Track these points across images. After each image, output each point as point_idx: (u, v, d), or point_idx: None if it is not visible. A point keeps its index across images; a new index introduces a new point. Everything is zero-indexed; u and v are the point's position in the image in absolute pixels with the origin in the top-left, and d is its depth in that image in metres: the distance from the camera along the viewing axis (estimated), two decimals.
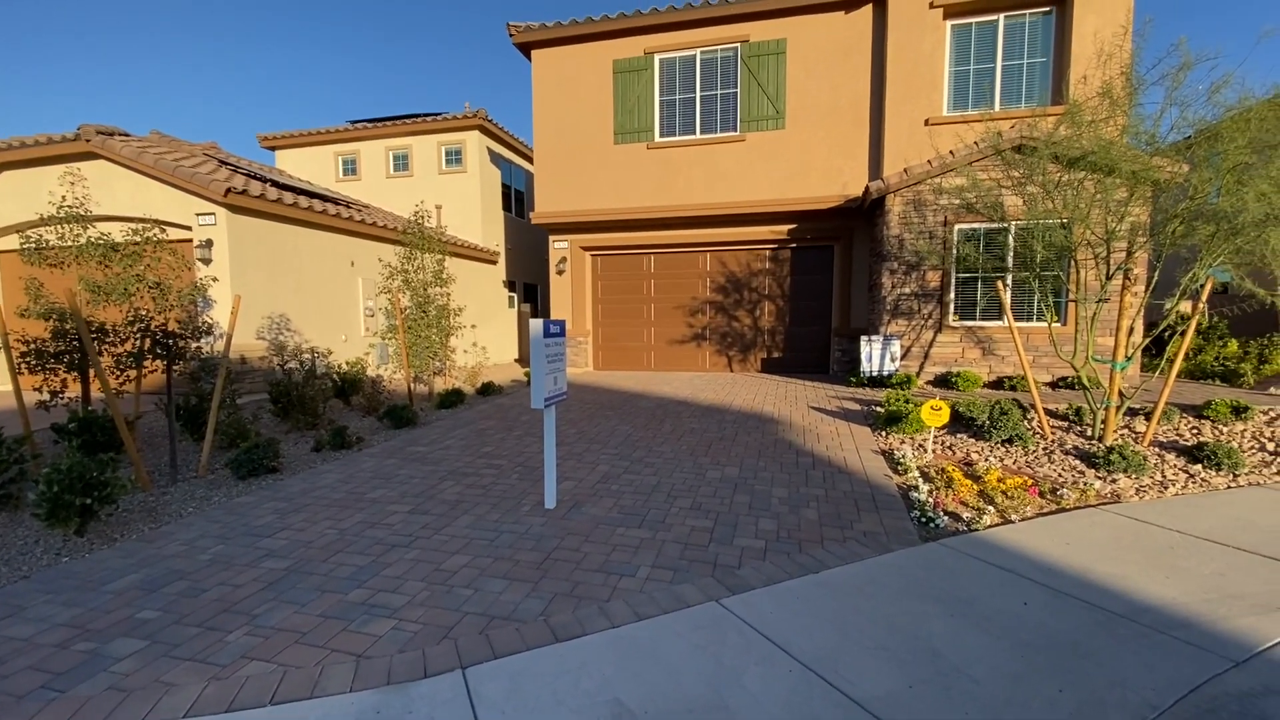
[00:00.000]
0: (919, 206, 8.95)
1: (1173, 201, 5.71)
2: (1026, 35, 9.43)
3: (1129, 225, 5.89)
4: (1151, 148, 5.59)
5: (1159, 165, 5.56)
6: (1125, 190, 5.61)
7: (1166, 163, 5.23)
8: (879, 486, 4.84)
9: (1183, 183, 5.57)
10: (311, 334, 10.41)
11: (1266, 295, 5.33)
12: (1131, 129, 5.51)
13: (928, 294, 9.03)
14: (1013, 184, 6.61)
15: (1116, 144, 5.56)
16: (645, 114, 11.14)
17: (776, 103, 10.49)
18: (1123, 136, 5.78)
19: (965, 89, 9.70)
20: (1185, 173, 5.48)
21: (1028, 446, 5.85)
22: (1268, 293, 5.59)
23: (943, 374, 9.04)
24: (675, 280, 12.05)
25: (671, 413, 7.64)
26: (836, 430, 6.56)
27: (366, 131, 16.10)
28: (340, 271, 11.11)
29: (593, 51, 11.27)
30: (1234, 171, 4.80)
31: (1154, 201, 5.69)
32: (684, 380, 10.66)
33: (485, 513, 4.31)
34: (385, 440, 6.65)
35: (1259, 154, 4.66)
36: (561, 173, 11.73)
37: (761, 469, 5.27)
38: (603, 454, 5.81)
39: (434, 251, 9.31)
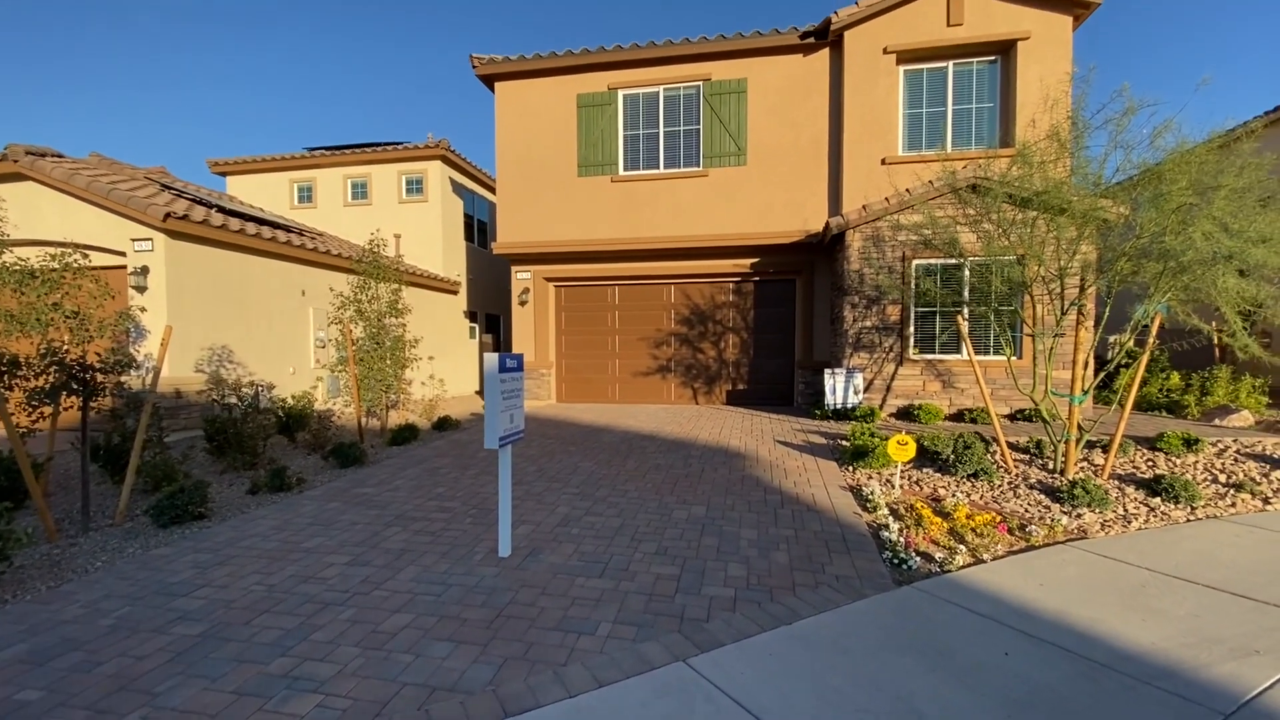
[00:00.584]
0: (878, 242, 9.12)
1: (1120, 240, 5.89)
2: (974, 82, 9.87)
3: (1080, 262, 6.05)
4: (1097, 189, 5.79)
5: (1105, 205, 5.75)
6: (1075, 229, 5.77)
7: (1111, 203, 5.40)
8: (849, 525, 4.69)
9: (1129, 222, 5.76)
10: (257, 366, 9.85)
11: (1211, 331, 5.49)
12: (1079, 170, 5.69)
13: (888, 327, 9.14)
14: (968, 221, 6.76)
15: (1066, 184, 5.74)
16: (609, 147, 11.17)
17: (738, 140, 10.66)
18: (1070, 178, 5.98)
19: (919, 131, 10.05)
20: (1129, 213, 5.68)
21: (993, 481, 5.82)
22: (1213, 329, 5.77)
23: (905, 406, 9.09)
24: (640, 312, 11.95)
25: (636, 448, 7.41)
26: (804, 465, 6.44)
27: (324, 159, 15.74)
28: (290, 301, 10.62)
29: (556, 85, 11.31)
30: (1178, 212, 4.97)
31: (1102, 240, 5.86)
32: (649, 413, 10.45)
33: (433, 563, 3.97)
34: (330, 481, 6.20)
35: (1200, 195, 4.84)
36: (524, 203, 11.61)
37: (729, 508, 5.07)
38: (563, 494, 5.52)
39: (389, 281, 8.98)
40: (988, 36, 9.49)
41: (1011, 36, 9.40)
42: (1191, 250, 4.74)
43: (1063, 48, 9.29)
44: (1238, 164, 5.12)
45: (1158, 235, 5.34)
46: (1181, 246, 4.77)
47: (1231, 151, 5.16)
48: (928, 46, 9.71)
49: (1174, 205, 4.99)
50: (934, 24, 9.66)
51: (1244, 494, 5.48)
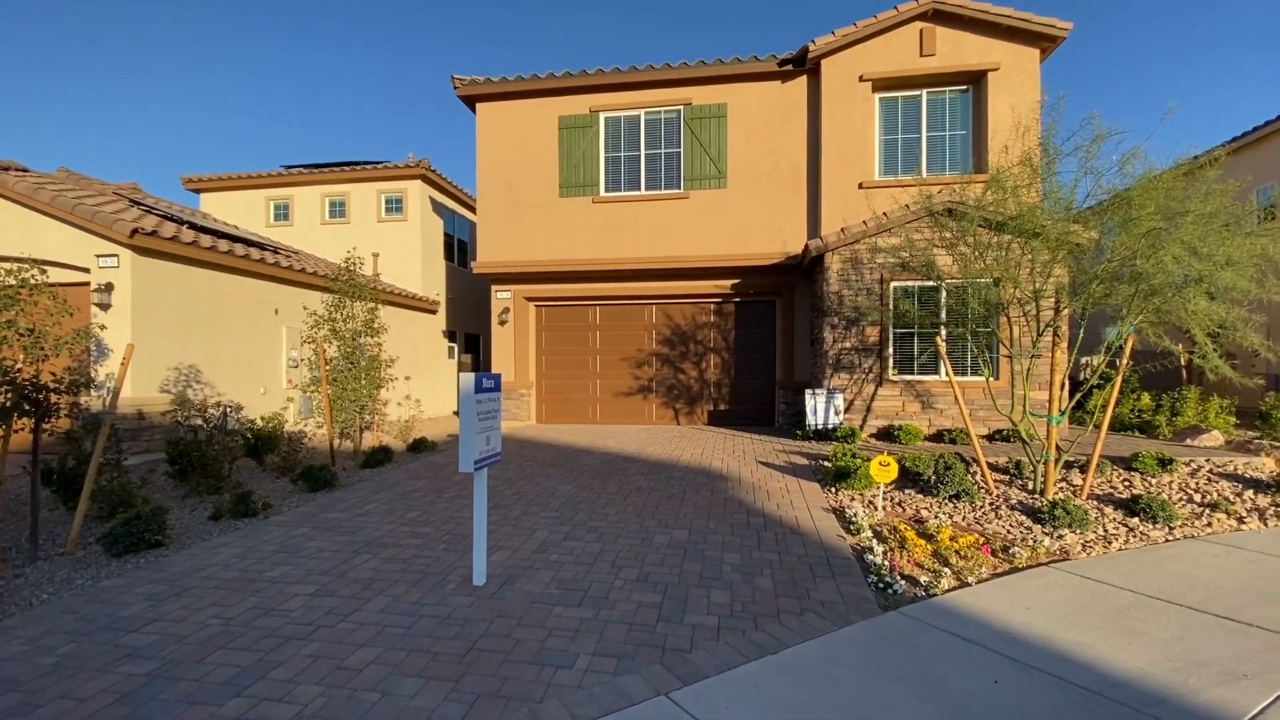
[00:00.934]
0: (856, 264, 9.22)
1: (1091, 263, 6.01)
2: (948, 109, 10.14)
3: (1054, 285, 6.16)
4: (1069, 213, 5.92)
5: (1077, 230, 5.87)
6: (1048, 253, 5.87)
7: (1082, 228, 5.51)
8: (833, 549, 4.62)
9: (1100, 246, 5.88)
10: (226, 386, 9.55)
11: (1181, 353, 5.60)
12: (1050, 196, 5.82)
13: (868, 348, 9.20)
14: (945, 245, 6.86)
15: (1039, 209, 5.85)
16: (591, 169, 11.21)
17: (719, 163, 10.78)
18: (1043, 203, 6.11)
19: (895, 156, 10.26)
20: (1098, 238, 5.80)
21: (974, 502, 5.81)
22: (1181, 350, 5.88)
23: (885, 427, 9.11)
24: (621, 332, 11.90)
25: (617, 469, 7.28)
26: (786, 487, 6.37)
27: (301, 177, 15.55)
28: (263, 320, 10.37)
29: (538, 106, 11.36)
30: (1148, 236, 5.08)
31: (1075, 263, 5.97)
32: (630, 434, 10.34)
33: (404, 592, 3.79)
34: (298, 506, 5.97)
35: (1169, 220, 4.96)
36: (505, 223, 11.56)
37: (712, 531, 4.97)
38: (542, 518, 5.37)
39: (366, 299, 8.81)
40: (959, 67, 9.78)
41: (982, 67, 9.70)
42: (1162, 273, 4.83)
43: (1031, 78, 9.60)
44: (1203, 190, 5.27)
45: (1128, 259, 5.46)
46: (1153, 269, 4.87)
47: (1197, 178, 5.32)
48: (902, 75, 9.97)
49: (1144, 230, 5.11)
50: (908, 54, 9.93)
51: (1219, 514, 5.54)
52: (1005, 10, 9.47)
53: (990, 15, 9.53)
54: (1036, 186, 6.22)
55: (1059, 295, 6.04)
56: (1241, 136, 12.56)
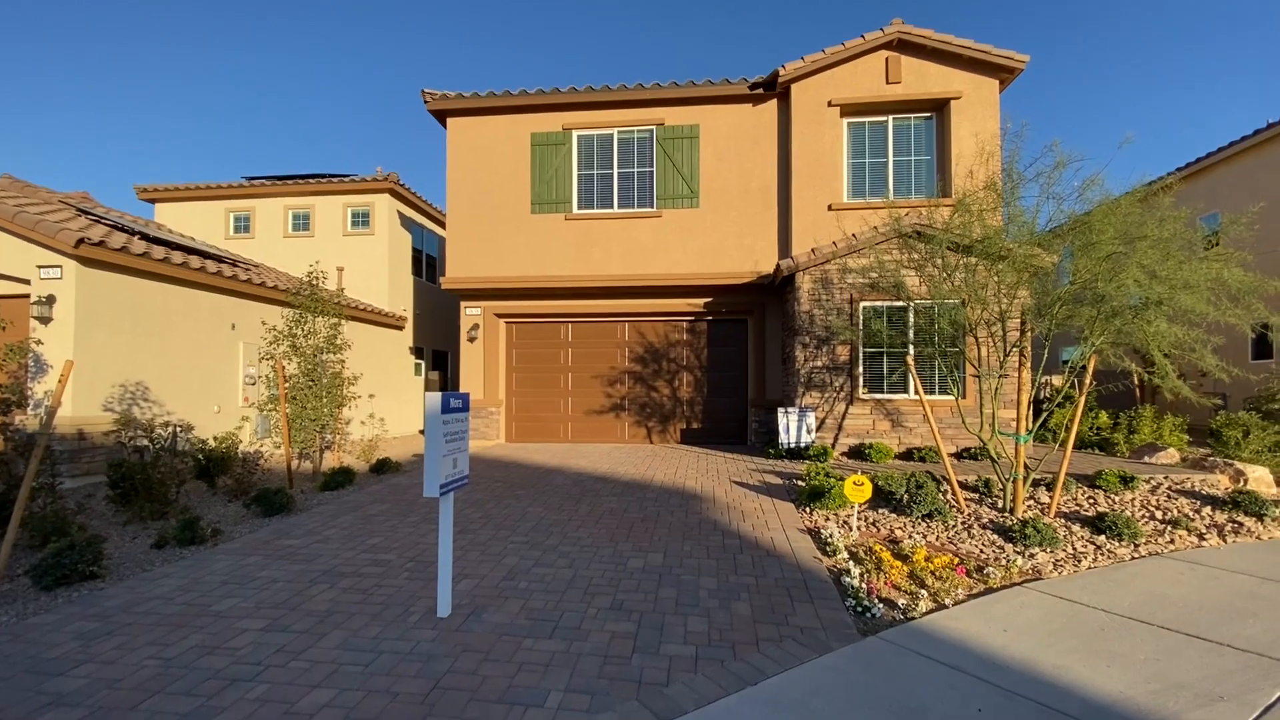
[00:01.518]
0: (827, 284, 9.32)
1: (1054, 286, 6.17)
2: (913, 135, 10.43)
3: (1019, 307, 6.29)
4: (1032, 237, 6.08)
5: (1039, 253, 6.02)
6: (1014, 275, 6.01)
7: (1045, 252, 5.65)
8: (810, 571, 4.54)
9: (1061, 269, 6.04)
10: (177, 405, 9.08)
11: (1140, 373, 5.75)
12: (1014, 220, 5.97)
13: (838, 367, 9.27)
14: (913, 266, 6.97)
15: (1004, 232, 5.99)
16: (563, 186, 11.16)
17: (691, 183, 10.85)
18: (1008, 226, 6.27)
19: (863, 179, 10.48)
20: (1058, 261, 5.96)
21: (947, 521, 5.83)
22: (1138, 370, 6.05)
23: (856, 445, 9.15)
24: (593, 350, 11.78)
25: (589, 491, 7.11)
26: (761, 507, 6.30)
27: (264, 188, 15.13)
28: (219, 335, 9.94)
29: (510, 123, 11.30)
30: (1108, 260, 5.23)
31: (1039, 285, 6.11)
32: (602, 453, 10.17)
33: (362, 626, 3.56)
34: (251, 532, 5.64)
35: (1128, 244, 5.12)
36: (475, 238, 11.39)
37: (687, 554, 4.85)
38: (511, 542, 5.17)
39: (328, 314, 8.52)
40: (923, 95, 10.08)
41: (945, 95, 10.02)
42: (1123, 295, 4.97)
43: (991, 107, 9.96)
44: (1158, 216, 5.47)
45: (1089, 282, 5.62)
46: (1114, 292, 5.01)
47: (1152, 205, 5.52)
48: (869, 102, 10.23)
49: (1104, 254, 5.26)
50: (874, 81, 10.21)
51: (1180, 530, 5.66)
52: (966, 42, 9.83)
53: (952, 46, 9.87)
54: (1000, 211, 6.39)
55: (1024, 316, 6.17)
56: (1194, 163, 13.22)
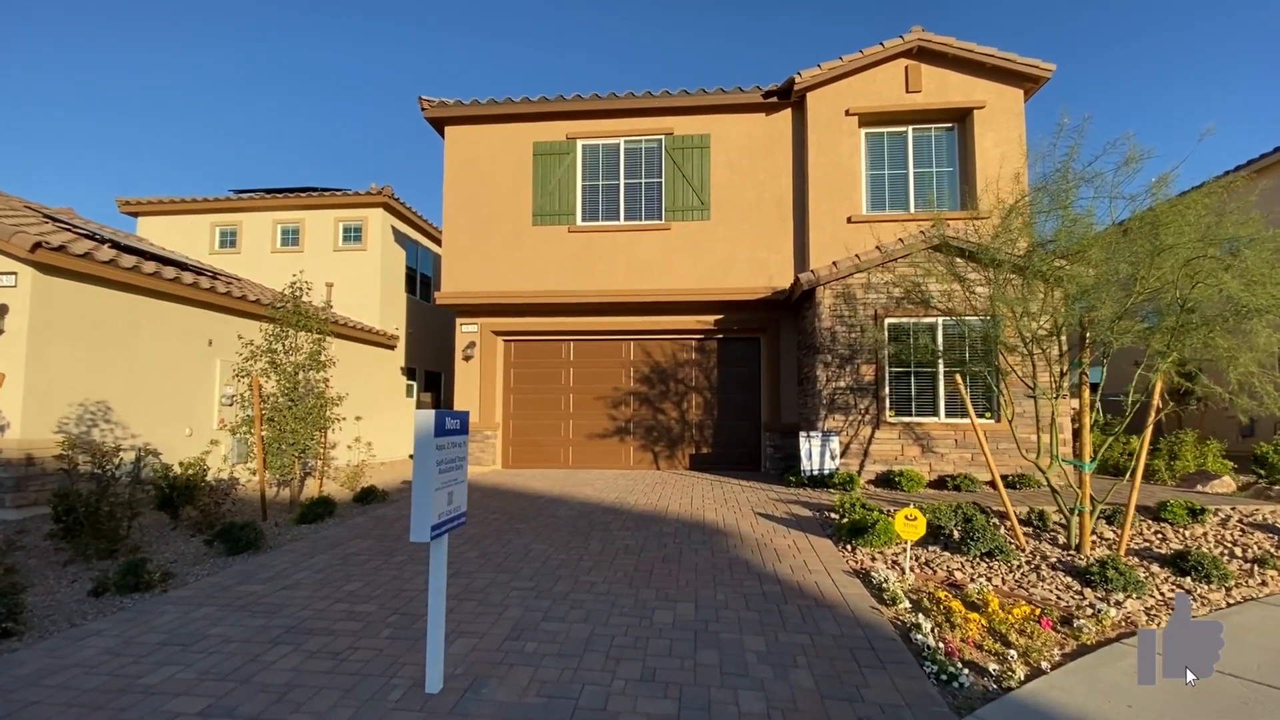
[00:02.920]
0: (849, 299, 8.74)
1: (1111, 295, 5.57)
2: (934, 146, 9.98)
3: (1077, 319, 5.69)
4: (1087, 242, 5.50)
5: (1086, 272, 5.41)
6: (1072, 286, 5.41)
7: (1124, 265, 5.04)
8: (871, 626, 3.82)
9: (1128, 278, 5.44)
10: (145, 427, 8.30)
11: (1224, 395, 5.13)
12: (1075, 223, 5.39)
13: (863, 388, 8.63)
14: (952, 279, 6.39)
15: (1060, 236, 5.42)
16: (567, 197, 10.61)
17: (701, 194, 10.33)
18: (1059, 234, 5.70)
19: (882, 191, 10.00)
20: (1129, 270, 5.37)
21: (1010, 561, 5.12)
22: (1213, 388, 5.43)
23: (884, 473, 8.46)
24: (596, 369, 11.10)
25: (599, 524, 6.36)
26: (795, 544, 5.57)
27: (251, 202, 14.53)
28: (194, 351, 9.19)
29: (511, 132, 10.79)
30: (1188, 266, 4.65)
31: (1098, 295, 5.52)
32: (607, 480, 9.42)
33: (329, 708, 2.80)
34: (210, 574, 4.85)
35: (1209, 247, 4.54)
36: (473, 251, 10.77)
37: (723, 605, 4.11)
38: (514, 589, 4.41)
39: (312, 330, 7.81)
40: (944, 104, 9.67)
41: (967, 105, 9.60)
42: (1214, 305, 4.38)
43: (1016, 118, 9.54)
44: (1234, 216, 4.91)
45: (1156, 290, 5.04)
46: (1203, 300, 4.41)
47: (1227, 204, 4.96)
48: (888, 111, 9.80)
49: (1183, 258, 4.67)
50: (894, 90, 9.79)
51: (1270, 570, 4.99)
52: (989, 50, 9.45)
53: (974, 55, 9.49)
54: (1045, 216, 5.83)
55: (1087, 330, 5.55)
56: (1264, 156, 10.87)
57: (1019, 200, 5.44)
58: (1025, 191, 6.09)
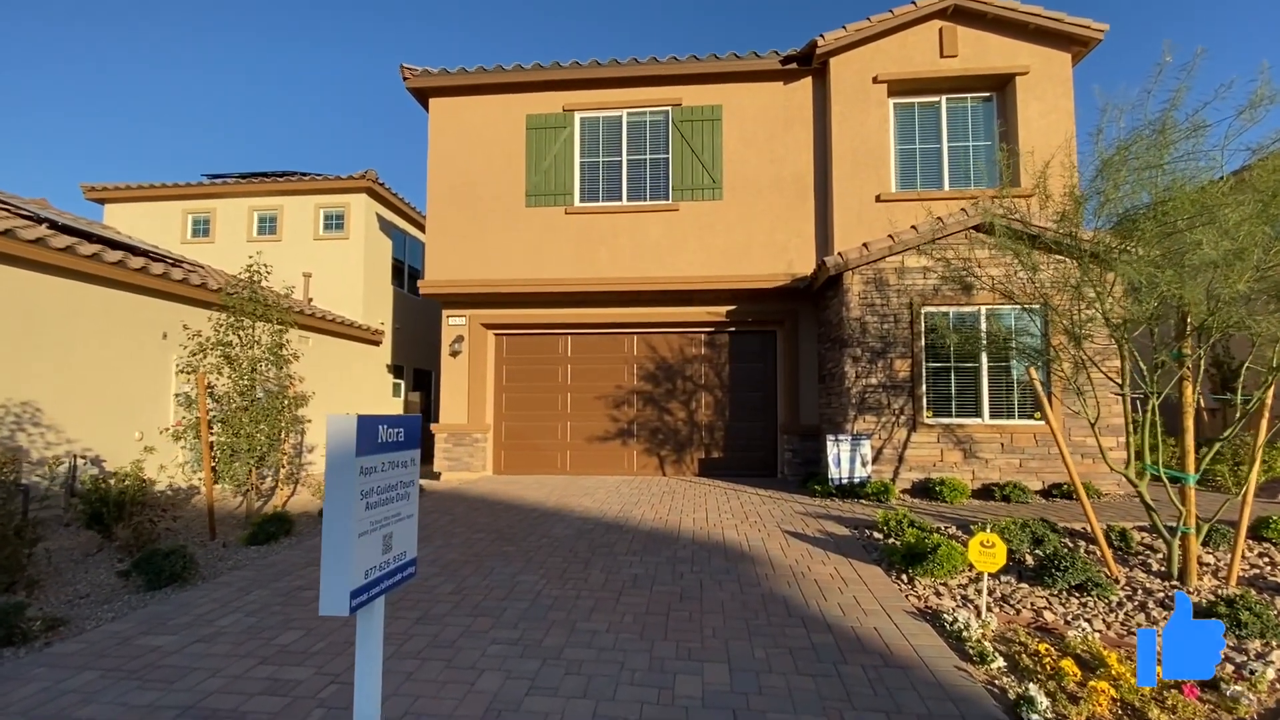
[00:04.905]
0: (881, 286, 7.78)
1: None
2: (969, 118, 9.03)
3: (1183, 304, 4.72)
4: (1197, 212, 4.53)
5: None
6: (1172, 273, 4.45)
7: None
8: (965, 699, 2.86)
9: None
10: (84, 430, 7.31)
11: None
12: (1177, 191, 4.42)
13: (897, 386, 7.67)
14: (1024, 265, 5.42)
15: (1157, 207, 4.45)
16: (564, 175, 9.63)
17: (713, 172, 9.36)
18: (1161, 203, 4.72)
19: (913, 167, 9.04)
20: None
21: (1108, 597, 4.17)
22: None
23: (921, 481, 7.51)
24: (597, 366, 10.13)
25: (600, 546, 5.40)
26: (838, 573, 4.61)
27: (226, 188, 13.53)
28: (145, 346, 8.20)
29: (502, 104, 9.81)
30: None
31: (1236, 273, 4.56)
32: (609, 488, 8.46)
33: None
34: (114, 618, 3.88)
35: None
36: (460, 236, 9.79)
37: (764, 666, 3.15)
38: (493, 641, 3.45)
39: (271, 320, 6.84)
40: (983, 70, 8.71)
41: (1008, 71, 8.64)
42: None
43: (1063, 85, 8.58)
44: None
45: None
46: None
47: None
48: (920, 78, 8.84)
49: None
50: (926, 55, 8.83)
51: None
52: (1033, 9, 8.49)
53: (1017, 15, 8.53)
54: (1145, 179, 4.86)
55: (1192, 315, 4.59)
56: None
57: (1122, 148, 4.46)
58: (1114, 147, 5.10)
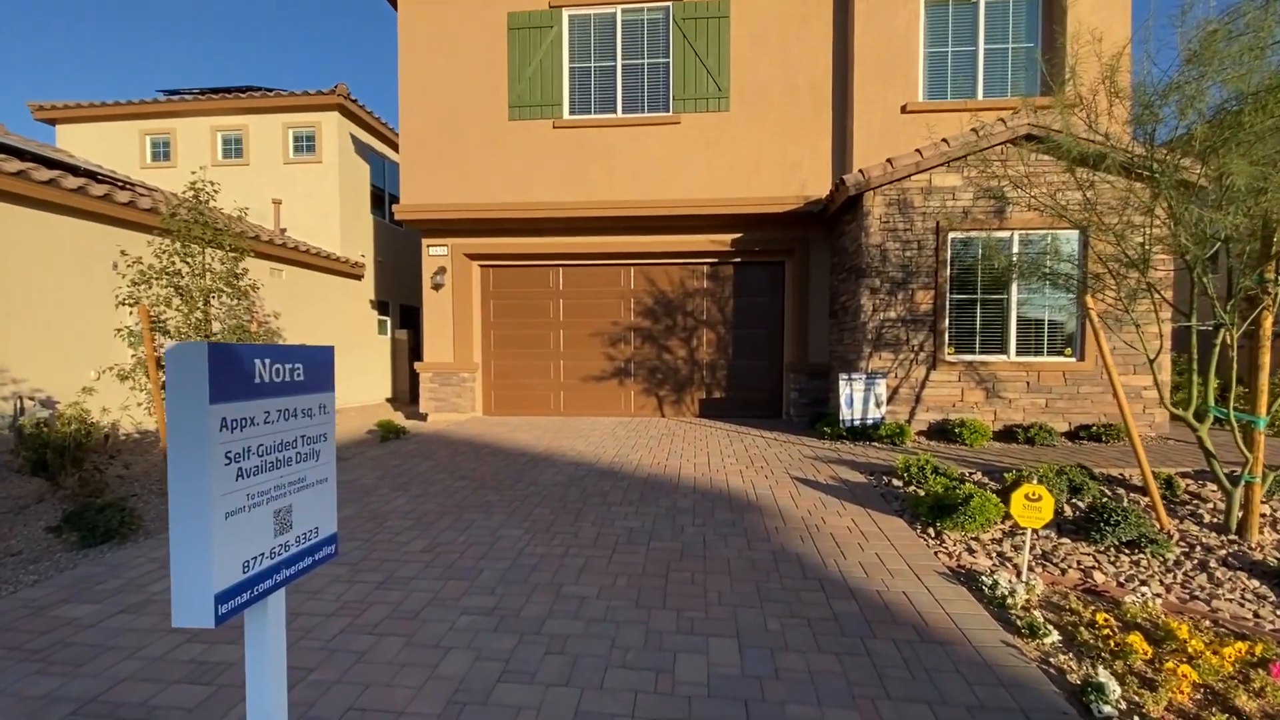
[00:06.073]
0: (905, 208, 7.01)
1: None
2: (1010, 16, 7.94)
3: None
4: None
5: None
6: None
7: None
8: (1018, 682, 2.40)
9: None
10: (31, 369, 6.74)
11: None
12: None
13: (918, 320, 7.04)
14: (1076, 179, 4.66)
15: None
16: (551, 84, 8.61)
17: (719, 78, 8.35)
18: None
19: (944, 73, 8.04)
20: None
21: (1163, 554, 3.70)
22: None
23: (939, 422, 7.02)
24: (591, 301, 9.45)
25: (592, 494, 4.92)
26: (856, 526, 4.14)
27: (185, 105, 12.39)
28: (94, 278, 7.49)
29: (481, 2, 8.65)
30: None
31: None
32: (604, 430, 7.99)
33: None
34: (36, 582, 3.41)
35: None
36: (437, 155, 8.88)
37: (779, 642, 2.68)
38: (464, 612, 2.97)
39: (224, 247, 6.11)
40: None
41: None
42: None
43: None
44: None
45: None
46: None
47: None
48: None
49: None
50: None
51: None
52: None
53: None
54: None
55: (1273, 230, 3.90)
56: None
57: (1228, 19, 3.64)
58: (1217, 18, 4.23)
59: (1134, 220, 4.54)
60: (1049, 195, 5.24)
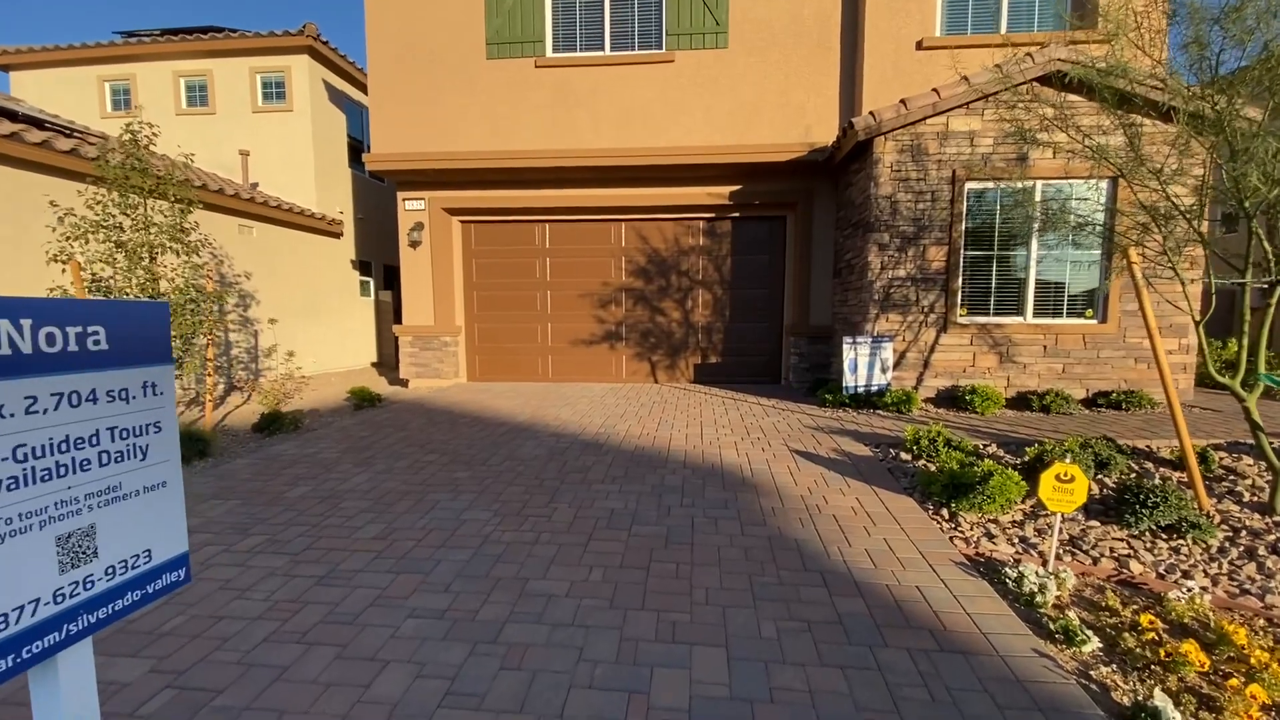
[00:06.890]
0: (918, 155, 6.41)
1: None
2: None
3: None
4: None
5: None
6: None
7: None
8: (1061, 708, 2.01)
9: None
10: None
11: None
12: None
13: (929, 279, 6.53)
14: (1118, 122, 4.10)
15: None
16: (532, 18, 7.84)
17: (716, 11, 7.59)
18: None
19: (963, 6, 7.30)
20: None
21: (1206, 540, 3.30)
22: None
23: (948, 388, 6.59)
24: (579, 259, 8.89)
25: (574, 470, 4.51)
26: (861, 506, 3.74)
27: (145, 48, 11.50)
28: (29, 231, 6.91)
29: None
30: None
31: None
32: (593, 397, 7.56)
33: None
34: None
35: None
36: (409, 98, 8.17)
37: (774, 653, 2.28)
38: (411, 614, 2.57)
39: (168, 197, 5.54)
40: None
41: None
42: None
43: None
44: None
45: None
46: None
47: None
48: None
49: None
50: None
51: None
52: None
53: None
54: None
55: None
56: None
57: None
58: None
59: (1186, 164, 4.00)
60: (1084, 138, 4.67)
